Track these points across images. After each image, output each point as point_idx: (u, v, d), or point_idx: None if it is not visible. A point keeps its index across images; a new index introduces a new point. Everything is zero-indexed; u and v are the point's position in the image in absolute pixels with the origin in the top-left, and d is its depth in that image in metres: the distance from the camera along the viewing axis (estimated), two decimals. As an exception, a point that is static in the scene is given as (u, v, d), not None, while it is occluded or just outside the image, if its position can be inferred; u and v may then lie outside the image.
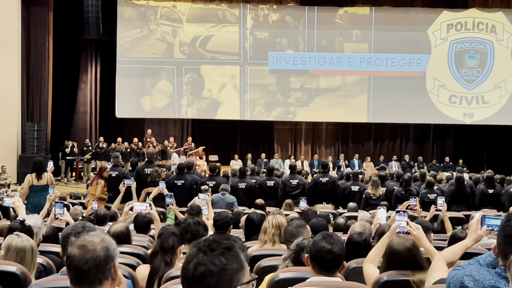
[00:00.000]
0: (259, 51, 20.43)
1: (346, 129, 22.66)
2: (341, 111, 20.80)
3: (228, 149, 22.24)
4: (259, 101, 20.68)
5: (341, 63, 20.54)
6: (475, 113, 20.64)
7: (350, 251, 4.54)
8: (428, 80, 20.54)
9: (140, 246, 5.33)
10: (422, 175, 13.25)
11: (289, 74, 20.68)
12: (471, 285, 2.73)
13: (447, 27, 20.44)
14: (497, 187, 11.74)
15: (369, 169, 20.64)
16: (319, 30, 20.37)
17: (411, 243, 3.93)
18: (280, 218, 5.22)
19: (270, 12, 20.38)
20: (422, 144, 23.02)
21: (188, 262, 2.01)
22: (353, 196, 11.81)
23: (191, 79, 20.50)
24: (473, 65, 20.52)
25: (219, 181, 11.54)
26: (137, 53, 20.25)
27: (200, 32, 20.32)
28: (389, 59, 20.50)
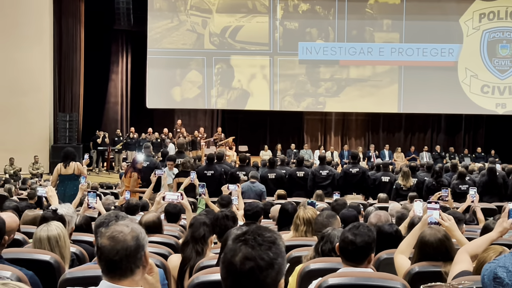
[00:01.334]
0: (289, 42, 20.44)
1: (377, 119, 22.56)
2: (371, 102, 20.73)
3: (257, 140, 22.34)
4: (288, 91, 20.69)
5: (372, 53, 20.45)
6: (508, 103, 20.42)
7: (381, 242, 4.52)
8: (460, 70, 20.34)
9: (171, 236, 5.37)
10: (453, 166, 13.16)
11: (319, 64, 20.65)
12: (504, 276, 2.72)
13: (479, 16, 20.21)
14: (530, 178, 11.56)
15: (399, 159, 20.56)
16: (349, 20, 20.29)
17: (443, 234, 3.91)
18: (310, 212, 5.21)
19: (300, 2, 20.37)
20: (454, 135, 22.84)
21: (233, 255, 1.96)
22: (383, 187, 11.82)
23: (220, 69, 20.58)
24: (505, 55, 20.28)
25: (249, 171, 11.53)
26: (167, 44, 20.39)
27: (230, 23, 20.38)
28: (420, 49, 20.35)
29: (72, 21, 20.01)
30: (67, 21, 20.01)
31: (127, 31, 21.52)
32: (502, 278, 2.67)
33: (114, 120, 22.14)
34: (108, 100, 22.16)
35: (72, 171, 9.84)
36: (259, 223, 5.98)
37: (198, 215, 5.12)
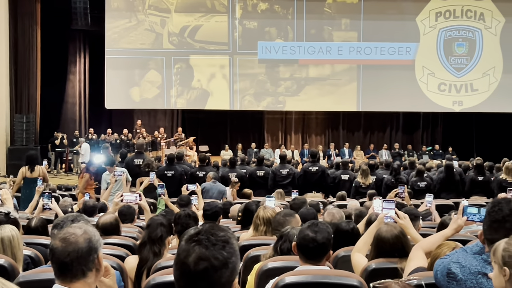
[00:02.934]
0: (248, 41, 20.52)
1: (336, 118, 22.80)
2: (330, 100, 20.93)
3: (218, 139, 22.38)
4: (248, 91, 20.77)
5: (330, 52, 20.66)
6: (464, 101, 20.82)
7: (338, 239, 4.57)
8: (417, 69, 20.71)
9: (129, 237, 5.33)
10: (411, 163, 13.40)
11: (279, 63, 20.78)
12: (457, 271, 2.78)
13: (435, 15, 20.59)
14: (487, 174, 11.84)
15: (359, 157, 20.82)
16: (308, 20, 20.46)
17: (399, 230, 3.99)
18: (270, 211, 5.23)
19: (259, 2, 20.49)
20: (412, 132, 23.20)
21: (186, 256, 1.95)
22: (343, 185, 11.98)
23: (180, 69, 20.55)
24: (462, 53, 20.68)
25: (209, 171, 11.53)
26: (125, 44, 20.29)
27: (188, 22, 20.37)
28: (378, 47, 20.63)
29: (28, 21, 19.76)
30: (23, 21, 19.75)
31: (85, 31, 21.31)
32: (456, 273, 2.74)
33: (72, 121, 21.90)
34: (66, 101, 21.91)
35: (37, 174, 9.98)
36: (218, 223, 5.98)
37: (155, 215, 5.11)
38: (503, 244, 2.50)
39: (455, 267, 2.83)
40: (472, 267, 2.77)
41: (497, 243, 2.55)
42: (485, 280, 2.69)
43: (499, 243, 2.53)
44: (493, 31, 20.76)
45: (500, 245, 2.51)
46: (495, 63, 20.78)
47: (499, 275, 2.49)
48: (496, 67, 20.78)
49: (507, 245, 2.48)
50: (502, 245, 2.50)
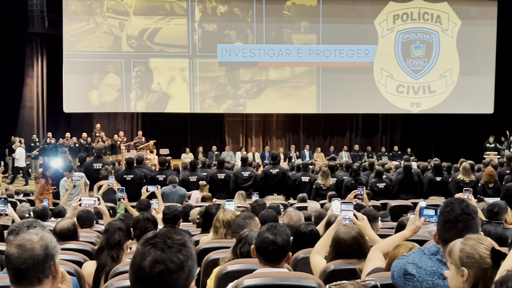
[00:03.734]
0: (208, 44, 20.54)
1: (297, 120, 22.91)
2: (291, 103, 21.05)
3: (179, 143, 22.29)
4: (209, 93, 20.77)
5: (290, 55, 20.77)
6: (422, 102, 21.15)
7: (298, 241, 4.59)
8: (376, 71, 20.97)
9: (87, 242, 5.28)
10: (370, 165, 13.54)
11: (239, 66, 20.84)
12: (414, 272, 2.81)
13: (393, 17, 20.87)
14: (445, 175, 12.06)
15: (319, 159, 20.94)
16: (268, 22, 20.60)
17: (357, 231, 4.03)
18: (229, 214, 5.23)
19: (218, 4, 20.48)
20: (372, 134, 23.45)
21: (142, 259, 1.95)
22: (303, 187, 12.04)
23: (139, 72, 20.46)
24: (419, 55, 21.01)
25: (169, 174, 11.53)
26: (83, 47, 20.13)
27: (147, 25, 20.29)
28: (337, 50, 20.82)
29: (-17, 24, 19.38)
30: (-23, 25, 19.36)
31: (42, 34, 21.03)
32: (413, 274, 2.76)
33: (30, 125, 21.55)
34: (23, 105, 21.55)
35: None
36: (178, 226, 5.97)
37: (113, 220, 5.07)
38: (459, 244, 2.54)
39: (412, 268, 2.87)
40: (427, 268, 2.81)
41: (452, 244, 2.59)
42: (441, 280, 2.73)
43: (454, 244, 2.56)
44: (449, 33, 21.11)
45: (456, 246, 2.54)
46: (452, 65, 21.15)
47: (456, 275, 2.51)
48: (453, 69, 21.15)
49: (464, 245, 2.51)
50: (458, 246, 2.53)
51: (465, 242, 2.53)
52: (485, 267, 2.46)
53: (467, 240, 2.54)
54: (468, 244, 2.51)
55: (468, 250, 2.49)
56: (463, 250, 2.50)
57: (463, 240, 2.55)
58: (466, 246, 2.51)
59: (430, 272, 2.79)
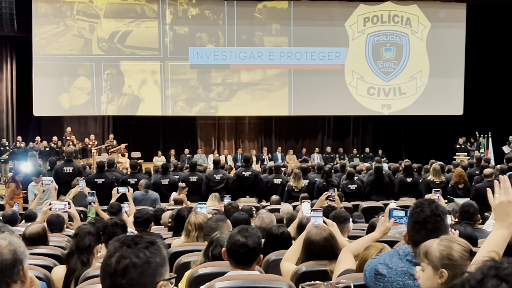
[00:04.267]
0: (179, 46, 20.49)
1: (269, 122, 22.96)
2: (263, 105, 21.09)
3: (150, 146, 22.19)
4: (180, 96, 20.71)
5: (262, 57, 20.81)
6: (393, 104, 21.32)
7: (270, 243, 4.60)
8: (347, 73, 21.10)
9: (57, 247, 5.23)
10: (342, 166, 13.61)
11: (210, 69, 20.83)
12: (384, 272, 2.82)
13: (363, 20, 21.03)
14: (415, 176, 12.16)
15: (292, 161, 21.01)
16: (239, 25, 20.64)
17: (328, 233, 4.05)
18: (201, 217, 5.22)
19: (190, 7, 20.43)
20: (343, 136, 23.58)
21: (110, 256, 2.00)
22: (275, 189, 12.03)
23: (110, 75, 20.35)
24: (389, 57, 21.18)
25: (141, 178, 11.50)
26: (53, 50, 19.96)
27: (118, 28, 20.19)
28: (308, 52, 20.90)
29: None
30: None
31: (11, 37, 20.83)
32: (384, 274, 2.77)
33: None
34: (-8, 109, 21.28)
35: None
36: (149, 229, 5.94)
37: (83, 224, 5.02)
38: (436, 245, 2.53)
39: (382, 268, 2.88)
40: (398, 268, 2.82)
41: (427, 244, 2.58)
42: (411, 281, 2.74)
43: (431, 245, 2.56)
44: (419, 35, 21.32)
45: (433, 247, 2.53)
46: (422, 67, 21.37)
47: (433, 276, 2.51)
48: (423, 71, 21.38)
49: (442, 247, 2.51)
50: (436, 247, 2.52)
51: (443, 244, 2.53)
52: (463, 269, 2.47)
53: (445, 241, 2.54)
54: (447, 246, 2.52)
55: (448, 252, 2.50)
56: (443, 252, 2.50)
57: (439, 241, 2.55)
58: (445, 248, 2.51)
59: (401, 272, 2.81)
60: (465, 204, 5.99)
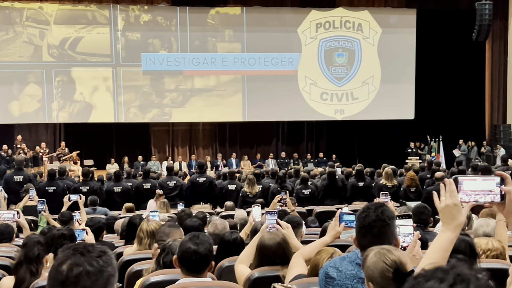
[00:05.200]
0: (131, 53, 20.38)
1: (223, 128, 22.93)
2: (217, 111, 21.09)
3: (103, 153, 21.92)
4: (133, 103, 20.58)
5: (215, 63, 20.84)
6: (346, 109, 21.57)
7: (222, 250, 4.58)
8: (300, 79, 21.26)
9: (6, 257, 5.11)
10: (296, 171, 13.68)
11: (163, 75, 20.76)
12: (334, 275, 2.83)
13: (316, 26, 21.21)
14: (367, 180, 12.27)
15: (246, 167, 21.03)
16: (192, 31, 20.67)
17: (281, 238, 4.04)
18: (153, 224, 5.17)
19: (141, 13, 20.33)
20: (298, 141, 23.68)
21: (61, 263, 1.95)
22: (230, 195, 12.06)
23: (61, 82, 20.12)
24: (342, 63, 21.42)
25: (93, 185, 11.39)
26: (3, 57, 19.77)
27: (69, 34, 19.98)
28: (261, 58, 21.01)
29: None
30: None
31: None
32: (333, 277, 2.78)
33: None
34: None
35: None
36: (101, 238, 5.87)
37: (32, 234, 4.93)
38: (370, 256, 2.56)
39: (333, 271, 2.89)
40: (347, 271, 2.84)
41: (367, 252, 2.61)
42: (360, 284, 2.76)
43: (368, 253, 2.59)
44: (371, 41, 21.61)
45: (368, 256, 2.57)
46: (373, 72, 21.67)
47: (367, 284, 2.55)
48: (374, 76, 21.67)
49: (372, 260, 2.54)
50: (370, 257, 2.56)
51: (375, 257, 2.55)
52: (386, 284, 2.49)
53: (377, 255, 2.56)
54: (375, 261, 2.54)
55: (374, 267, 2.52)
56: (369, 265, 2.53)
57: (374, 252, 2.57)
58: (372, 263, 2.54)
59: (350, 275, 2.82)
60: (418, 207, 6.07)
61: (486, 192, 2.35)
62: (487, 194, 2.35)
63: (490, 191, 2.35)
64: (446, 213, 2.37)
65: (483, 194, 2.36)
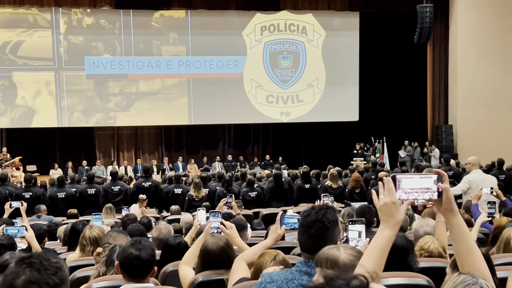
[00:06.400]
0: (74, 56, 20.15)
1: (169, 132, 22.79)
2: (162, 115, 21.01)
3: (47, 158, 21.56)
4: (77, 107, 20.33)
5: (160, 67, 20.76)
6: (291, 111, 21.73)
7: (167, 254, 4.57)
8: (246, 81, 21.35)
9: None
10: (242, 174, 13.70)
11: (107, 78, 20.58)
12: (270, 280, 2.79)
13: (261, 29, 21.34)
14: (313, 182, 12.30)
15: (193, 170, 20.96)
16: (136, 34, 20.39)
17: (224, 242, 4.04)
18: (96, 231, 5.13)
19: (84, 16, 20.12)
20: (244, 144, 23.70)
21: (15, 278, 1.91)
22: (176, 199, 12.02)
23: (2, 87, 19.85)
24: (287, 66, 21.58)
25: (36, 191, 11.19)
26: None
27: (10, 38, 19.63)
28: (207, 61, 21.04)
29: None
30: None
31: None
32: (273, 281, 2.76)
33: None
34: None
35: None
36: (43, 245, 5.78)
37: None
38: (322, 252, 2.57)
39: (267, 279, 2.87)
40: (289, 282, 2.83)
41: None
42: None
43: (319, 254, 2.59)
44: (315, 44, 21.83)
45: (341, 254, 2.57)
46: (318, 75, 21.91)
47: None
48: (319, 79, 21.90)
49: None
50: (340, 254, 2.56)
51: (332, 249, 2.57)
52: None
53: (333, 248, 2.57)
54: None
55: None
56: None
57: (327, 250, 2.57)
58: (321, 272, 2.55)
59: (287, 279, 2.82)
60: (362, 208, 6.14)
61: (424, 190, 2.40)
62: (425, 192, 2.40)
63: (428, 189, 2.40)
64: (385, 211, 2.41)
65: (421, 192, 2.40)
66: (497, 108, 20.44)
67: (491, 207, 6.33)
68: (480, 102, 20.52)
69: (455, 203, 2.44)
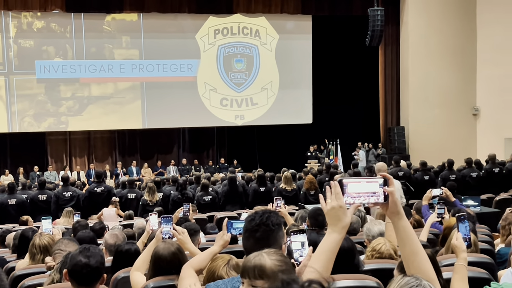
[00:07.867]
0: (25, 60, 19.88)
1: (122, 136, 22.60)
2: (115, 119, 20.86)
3: (-3, 165, 21.01)
4: (28, 112, 20.04)
5: (112, 70, 20.63)
6: (246, 114, 21.78)
7: (118, 261, 4.54)
8: (200, 85, 21.36)
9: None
10: (197, 178, 13.69)
11: (59, 82, 20.35)
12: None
13: (214, 32, 21.35)
14: (268, 185, 12.41)
15: (147, 175, 20.86)
16: (88, 38, 20.25)
17: (176, 247, 4.04)
18: (46, 238, 5.06)
19: (34, 20, 19.87)
20: (199, 147, 23.63)
21: None
22: (130, 204, 12.00)
23: (-51, 92, 19.18)
24: (240, 69, 21.63)
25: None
26: None
27: (-42, 42, 19.10)
28: (160, 65, 20.96)
29: None
30: None
31: None
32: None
33: None
34: None
35: None
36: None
37: None
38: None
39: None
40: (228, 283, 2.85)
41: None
42: None
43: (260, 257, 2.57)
44: (268, 47, 21.93)
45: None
46: (272, 78, 22.02)
47: None
48: (273, 82, 22.02)
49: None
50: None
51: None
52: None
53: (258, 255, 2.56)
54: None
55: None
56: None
57: (259, 256, 2.55)
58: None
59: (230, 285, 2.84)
60: (315, 210, 6.18)
61: (370, 194, 2.44)
62: (371, 195, 2.44)
63: (374, 193, 2.44)
64: (332, 215, 2.44)
65: (367, 196, 2.44)
66: (448, 108, 20.86)
67: (440, 207, 6.45)
68: (432, 103, 20.91)
69: (401, 206, 2.48)
